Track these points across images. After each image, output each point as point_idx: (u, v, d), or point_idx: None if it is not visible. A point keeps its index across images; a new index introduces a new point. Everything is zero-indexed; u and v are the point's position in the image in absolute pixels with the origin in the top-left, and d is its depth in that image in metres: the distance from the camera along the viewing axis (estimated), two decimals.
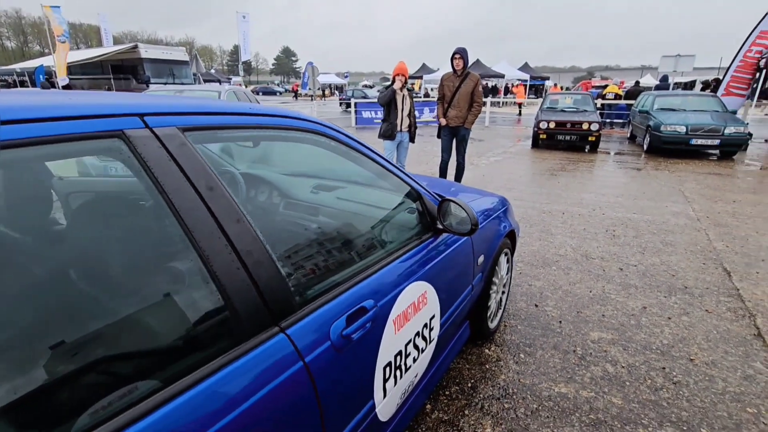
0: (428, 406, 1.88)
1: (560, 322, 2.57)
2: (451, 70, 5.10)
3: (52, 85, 18.86)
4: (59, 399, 0.61)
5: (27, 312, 0.68)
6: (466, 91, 4.96)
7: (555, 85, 33.61)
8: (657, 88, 13.77)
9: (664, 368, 2.14)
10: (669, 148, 8.65)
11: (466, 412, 1.85)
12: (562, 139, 9.60)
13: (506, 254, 2.41)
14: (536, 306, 2.76)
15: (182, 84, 21.17)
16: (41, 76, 18.34)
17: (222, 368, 0.75)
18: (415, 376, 1.45)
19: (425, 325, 1.43)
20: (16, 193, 0.75)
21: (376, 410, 1.19)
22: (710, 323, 2.55)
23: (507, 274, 2.51)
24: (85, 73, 21.27)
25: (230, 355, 0.78)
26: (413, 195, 1.54)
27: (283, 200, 1.70)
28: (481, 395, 1.95)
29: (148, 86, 20.20)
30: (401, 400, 1.37)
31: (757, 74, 10.28)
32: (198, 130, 0.87)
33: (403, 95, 4.96)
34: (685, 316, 2.63)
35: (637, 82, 15.92)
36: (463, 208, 1.46)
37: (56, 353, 0.63)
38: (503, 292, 2.48)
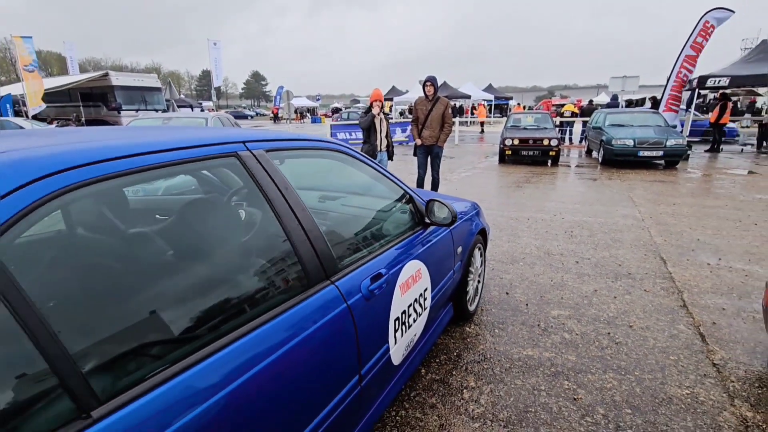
0: (422, 370, 2.30)
1: (527, 304, 3.07)
2: (422, 95, 5.71)
3: (20, 114, 18.50)
4: (205, 315, 1.02)
5: (201, 264, 1.10)
6: (437, 114, 5.57)
7: (518, 104, 35.51)
8: (608, 106, 15.05)
9: (609, 333, 2.66)
10: (620, 160, 9.58)
11: (454, 372, 2.29)
12: (526, 155, 10.42)
13: (479, 249, 2.90)
14: (507, 294, 3.25)
15: (155, 110, 21.23)
16: (8, 105, 17.95)
17: (303, 300, 1.18)
18: (414, 335, 1.88)
19: (420, 295, 1.88)
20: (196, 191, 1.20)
21: (390, 353, 1.62)
22: (647, 299, 3.12)
23: (481, 266, 3.00)
24: (52, 101, 20.95)
25: (306, 293, 1.21)
26: (406, 198, 2.01)
27: (318, 201, 2.17)
28: (465, 360, 2.40)
29: (119, 113, 20.15)
30: (406, 351, 1.80)
31: (691, 93, 11.56)
32: (274, 150, 1.31)
33: (380, 119, 5.63)
34: (628, 295, 3.19)
35: (591, 101, 17.30)
36: (445, 205, 1.95)
37: (219, 294, 1.06)
38: (479, 281, 2.96)
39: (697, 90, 11.63)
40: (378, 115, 5.56)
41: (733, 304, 3.01)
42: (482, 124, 22.78)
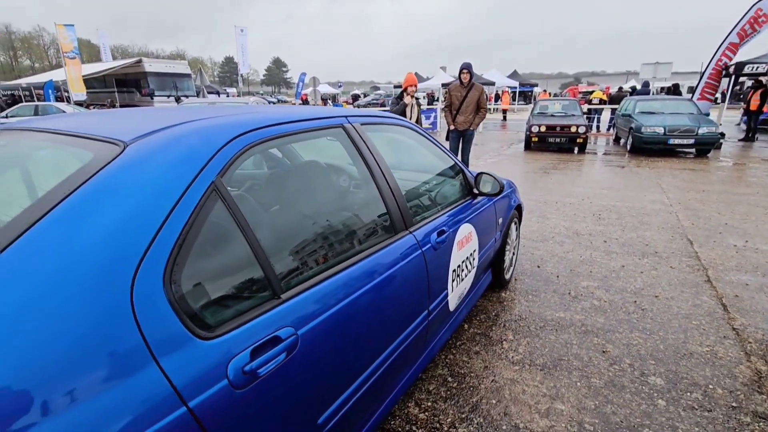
0: (465, 326, 2.61)
1: (557, 276, 3.32)
2: (456, 81, 5.91)
3: (62, 100, 19.42)
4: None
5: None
6: (472, 100, 5.78)
7: (544, 91, 34.85)
8: (638, 93, 14.77)
9: (635, 301, 2.89)
10: (649, 148, 9.54)
11: (493, 328, 2.58)
12: (553, 142, 10.46)
13: (515, 223, 3.16)
14: (538, 267, 3.51)
15: (186, 96, 21.91)
16: (50, 91, 18.87)
17: (392, 243, 1.49)
18: (464, 289, 2.18)
19: (470, 254, 2.17)
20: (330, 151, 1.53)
21: (448, 299, 1.93)
22: (672, 274, 3.32)
23: (516, 239, 3.26)
24: (87, 87, 21.87)
25: (393, 239, 1.51)
26: (459, 170, 2.29)
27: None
28: (503, 319, 2.69)
29: (152, 99, 20.90)
30: (458, 301, 2.10)
31: (728, 81, 11.28)
32: (366, 124, 1.61)
33: (412, 104, 5.61)
34: (654, 271, 3.40)
35: (620, 88, 16.96)
36: (493, 177, 2.22)
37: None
38: (513, 253, 3.23)
39: (733, 77, 11.33)
40: (411, 101, 5.58)
41: (756, 281, 3.19)
42: (504, 111, 22.61)
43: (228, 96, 30.61)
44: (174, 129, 1.01)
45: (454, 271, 1.95)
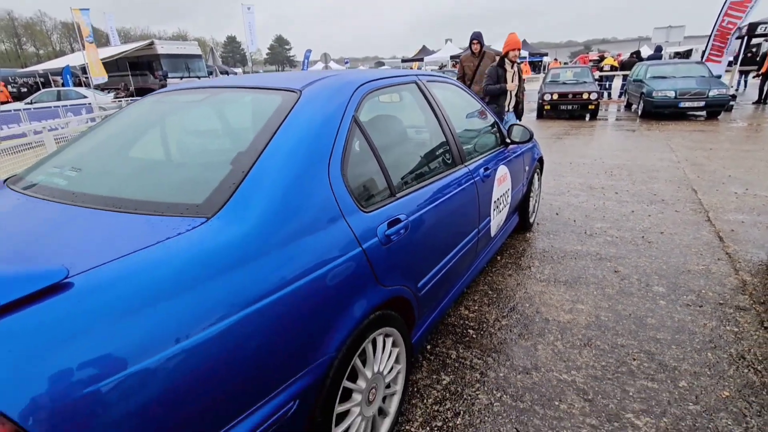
0: (498, 257, 3.10)
1: (574, 220, 3.78)
2: (467, 52, 6.05)
3: (81, 84, 19.85)
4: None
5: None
6: (484, 69, 5.81)
7: (555, 60, 34.37)
8: (650, 58, 14.75)
9: (643, 237, 3.36)
10: (660, 112, 9.76)
11: (522, 258, 3.08)
12: (565, 109, 10.71)
13: (537, 173, 3.61)
14: (557, 214, 3.97)
15: (198, 77, 22.21)
16: (68, 76, 19.31)
17: (454, 172, 1.96)
18: (501, 220, 2.66)
19: (506, 192, 2.64)
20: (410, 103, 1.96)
21: (490, 224, 2.41)
22: (677, 216, 3.76)
23: (538, 188, 3.71)
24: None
25: (455, 169, 1.98)
26: (495, 122, 2.73)
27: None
28: (529, 252, 3.18)
29: (165, 81, 21.23)
30: (496, 229, 2.59)
31: (740, 42, 11.29)
32: (430, 81, 2.06)
33: (513, 72, 4.63)
34: (660, 214, 3.84)
35: (637, 53, 16.81)
36: (524, 127, 2.66)
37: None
38: (536, 200, 3.69)
39: (745, 39, 11.34)
40: (512, 67, 4.61)
41: (752, 219, 3.62)
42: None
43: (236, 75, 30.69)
44: (322, 81, 1.48)
45: (495, 201, 2.43)
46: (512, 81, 4.63)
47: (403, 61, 34.99)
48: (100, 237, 0.95)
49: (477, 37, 5.84)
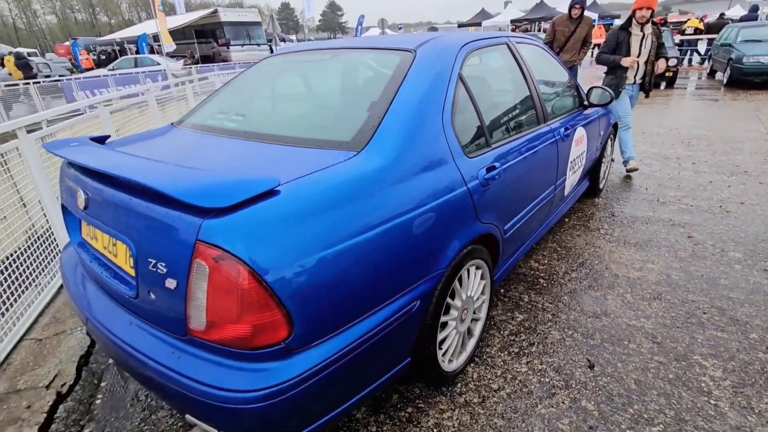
0: (566, 219, 3.20)
1: (646, 188, 3.75)
2: (562, 14, 5.44)
3: (155, 52, 21.16)
4: None
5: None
6: (580, 36, 5.28)
7: None
8: (744, 19, 13.20)
9: (721, 206, 3.29)
10: (750, 80, 8.88)
11: (590, 221, 3.16)
12: None
13: (611, 139, 3.59)
14: (627, 181, 3.94)
15: (257, 45, 22.87)
16: (144, 44, 20.62)
17: (538, 129, 2.10)
18: (573, 182, 2.75)
19: (581, 154, 2.71)
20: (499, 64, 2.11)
21: (565, 183, 2.53)
22: (760, 189, 3.61)
23: (610, 153, 3.70)
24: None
25: (539, 126, 2.12)
26: (575, 85, 2.78)
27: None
28: (597, 216, 3.25)
29: (228, 48, 22.06)
30: (570, 189, 2.70)
31: None
32: (518, 43, 2.18)
33: (643, 37, 3.67)
34: (742, 185, 3.70)
35: (722, 14, 15.10)
36: (604, 89, 2.70)
37: None
38: (607, 166, 3.69)
39: None
40: (642, 30, 3.65)
41: None
42: (596, 46, 21.00)
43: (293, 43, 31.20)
44: (431, 42, 1.66)
45: (571, 161, 2.53)
46: (639, 50, 3.69)
47: (459, 26, 33.50)
48: (284, 161, 1.24)
49: (581, 2, 5.13)
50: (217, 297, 0.96)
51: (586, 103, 2.80)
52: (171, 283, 1.01)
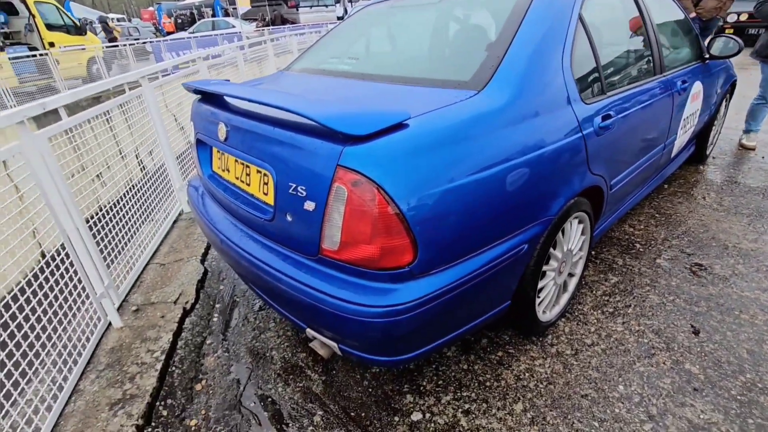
0: (664, 185, 2.96)
1: (762, 157, 3.33)
2: None
3: (228, 15, 21.93)
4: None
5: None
6: None
7: None
8: None
9: None
10: None
11: (693, 189, 2.90)
12: (755, 33, 8.65)
13: (726, 99, 3.20)
14: (739, 149, 3.52)
15: (325, 6, 22.78)
16: (218, 8, 21.41)
17: (653, 81, 1.92)
18: (682, 143, 2.52)
19: (695, 112, 2.46)
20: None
21: (675, 142, 2.32)
22: None
23: (723, 116, 3.31)
24: None
25: (654, 77, 1.94)
26: (695, 35, 2.49)
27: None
28: (702, 184, 2.96)
29: (297, 10, 22.21)
30: (677, 150, 2.47)
31: None
32: None
33: None
34: None
35: None
36: (730, 37, 2.38)
37: None
38: (717, 130, 3.31)
39: None
40: None
41: None
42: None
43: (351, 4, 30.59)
44: None
45: (684, 119, 2.31)
46: None
47: None
48: (407, 98, 1.27)
49: None
50: (352, 219, 1.04)
51: (706, 55, 2.50)
52: (310, 205, 1.10)
